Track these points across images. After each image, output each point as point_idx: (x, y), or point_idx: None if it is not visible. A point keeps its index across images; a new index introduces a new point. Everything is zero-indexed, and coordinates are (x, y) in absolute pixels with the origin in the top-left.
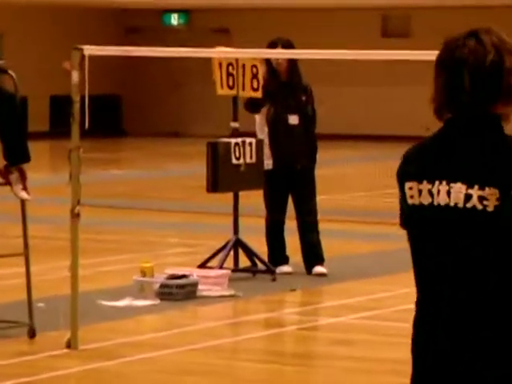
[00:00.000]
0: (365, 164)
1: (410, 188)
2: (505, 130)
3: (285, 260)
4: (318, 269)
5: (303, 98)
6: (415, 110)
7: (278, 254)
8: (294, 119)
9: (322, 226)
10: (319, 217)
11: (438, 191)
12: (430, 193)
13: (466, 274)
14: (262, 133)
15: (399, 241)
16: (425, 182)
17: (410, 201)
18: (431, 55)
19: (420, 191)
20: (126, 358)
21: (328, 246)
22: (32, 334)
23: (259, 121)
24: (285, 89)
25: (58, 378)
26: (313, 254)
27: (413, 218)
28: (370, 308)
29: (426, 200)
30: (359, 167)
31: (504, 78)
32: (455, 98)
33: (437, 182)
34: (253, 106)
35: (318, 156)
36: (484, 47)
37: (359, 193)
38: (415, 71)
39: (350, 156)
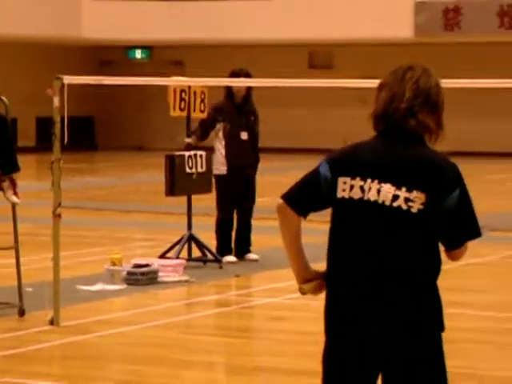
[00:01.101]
0: (299, 172)
1: (344, 182)
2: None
3: (230, 251)
4: (251, 255)
5: (252, 119)
6: (337, 128)
7: (224, 247)
8: (244, 135)
9: (258, 223)
10: (257, 216)
11: (370, 188)
12: (362, 189)
13: (383, 249)
14: (219, 144)
15: (320, 235)
16: (358, 179)
17: (340, 193)
18: (351, 83)
19: (352, 186)
20: (99, 333)
21: (262, 239)
22: (21, 313)
23: (214, 136)
24: (239, 111)
25: (42, 349)
26: (246, 244)
27: (341, 207)
28: (297, 290)
29: (356, 195)
30: (294, 175)
31: (431, 99)
32: (391, 113)
33: (369, 180)
34: (202, 135)
35: (259, 165)
36: (419, 76)
37: None
38: (338, 96)
39: (287, 166)
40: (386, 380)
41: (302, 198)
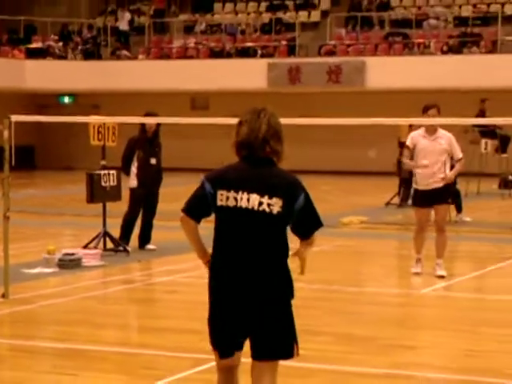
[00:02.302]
0: (191, 186)
1: (221, 194)
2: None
3: (128, 243)
4: (150, 246)
5: (157, 149)
6: (214, 153)
7: (128, 239)
8: (153, 161)
9: (158, 223)
10: (158, 217)
11: (241, 198)
12: (235, 199)
13: (253, 241)
14: (133, 166)
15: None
16: (232, 191)
17: (219, 203)
18: (222, 121)
19: (228, 197)
20: (39, 303)
21: (160, 234)
22: None
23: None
24: (149, 142)
25: None
26: (147, 238)
27: (221, 213)
28: (189, 270)
29: (231, 203)
30: (188, 188)
31: (278, 132)
32: (252, 143)
33: (240, 192)
34: (126, 167)
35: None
36: (270, 115)
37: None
38: (213, 129)
39: (182, 181)
40: (254, 339)
41: (196, 209)
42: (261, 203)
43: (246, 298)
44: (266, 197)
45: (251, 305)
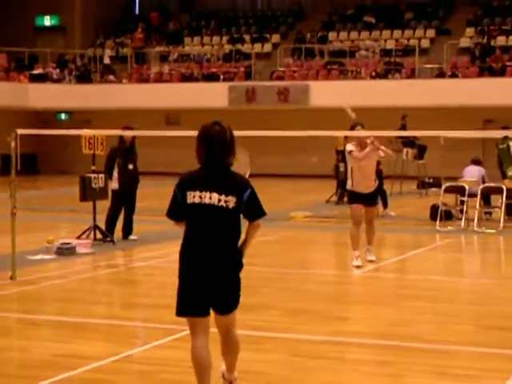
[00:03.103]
0: (167, 187)
1: (190, 194)
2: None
3: (112, 234)
4: (132, 237)
5: (133, 157)
6: (184, 158)
7: (112, 231)
8: (130, 166)
9: (138, 217)
10: (138, 213)
11: (205, 196)
12: (200, 197)
13: (216, 233)
14: (115, 171)
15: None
16: (197, 191)
17: (189, 200)
18: (191, 133)
19: (194, 196)
20: (41, 284)
21: (141, 227)
22: None
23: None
24: (127, 151)
25: (5, 294)
26: (129, 229)
27: (190, 208)
28: (163, 257)
29: (197, 200)
30: (164, 188)
31: (232, 145)
32: (213, 154)
33: (204, 192)
34: (109, 172)
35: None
36: (224, 130)
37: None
38: (184, 140)
39: (158, 183)
40: (218, 299)
41: (174, 212)
42: (219, 200)
43: (210, 270)
44: (223, 195)
45: (214, 274)
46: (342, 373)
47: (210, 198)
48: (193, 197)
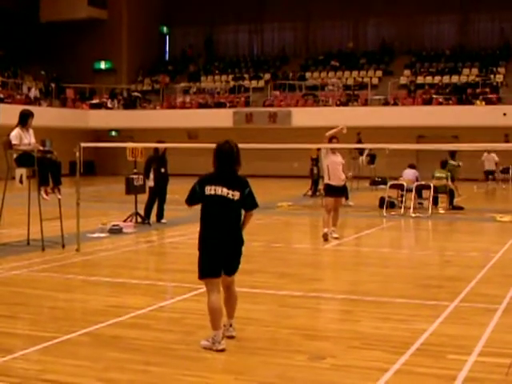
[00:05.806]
0: (187, 185)
1: (208, 188)
2: (238, 173)
3: (149, 218)
4: (163, 220)
5: (165, 163)
6: (203, 164)
7: (149, 217)
8: (162, 169)
9: (169, 207)
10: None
11: (218, 190)
12: (215, 190)
13: (226, 217)
14: (151, 173)
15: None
16: (213, 186)
17: (207, 192)
18: (207, 145)
19: (211, 189)
20: (98, 254)
21: (171, 214)
22: (63, 246)
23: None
24: (160, 158)
25: (73, 262)
26: (161, 215)
27: (209, 198)
28: (185, 235)
29: (213, 192)
30: (185, 186)
31: (237, 157)
32: (225, 165)
33: (218, 186)
34: (147, 174)
35: (169, 182)
36: (233, 147)
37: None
38: (202, 150)
39: (183, 181)
40: (227, 264)
41: (191, 200)
42: (228, 193)
43: (224, 244)
44: (231, 190)
45: (226, 248)
46: (316, 319)
47: (222, 191)
48: (210, 190)
